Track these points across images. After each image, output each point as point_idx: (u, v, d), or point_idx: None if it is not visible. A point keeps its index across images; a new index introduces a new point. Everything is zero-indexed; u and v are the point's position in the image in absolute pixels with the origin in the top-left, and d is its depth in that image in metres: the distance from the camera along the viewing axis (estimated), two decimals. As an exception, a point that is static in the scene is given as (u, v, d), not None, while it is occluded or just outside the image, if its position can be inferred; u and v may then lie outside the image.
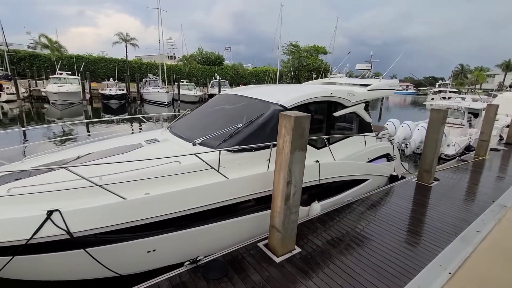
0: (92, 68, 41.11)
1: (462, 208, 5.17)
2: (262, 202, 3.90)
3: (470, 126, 13.04)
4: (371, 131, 6.39)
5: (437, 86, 62.81)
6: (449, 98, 17.81)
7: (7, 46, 30.87)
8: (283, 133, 3.21)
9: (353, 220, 4.57)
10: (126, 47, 37.96)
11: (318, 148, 4.97)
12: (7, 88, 23.73)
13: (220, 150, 3.37)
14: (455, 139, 10.77)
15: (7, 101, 23.34)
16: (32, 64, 37.66)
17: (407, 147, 10.55)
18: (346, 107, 5.49)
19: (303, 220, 4.42)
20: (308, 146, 4.83)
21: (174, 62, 50.83)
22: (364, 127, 6.15)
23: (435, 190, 6.12)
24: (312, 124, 5.44)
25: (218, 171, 3.41)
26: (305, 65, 52.41)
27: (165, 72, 34.46)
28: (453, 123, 12.77)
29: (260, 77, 54.58)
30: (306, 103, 4.73)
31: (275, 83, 44.30)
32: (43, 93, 24.91)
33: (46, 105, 25.62)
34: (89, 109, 25.46)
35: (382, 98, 47.94)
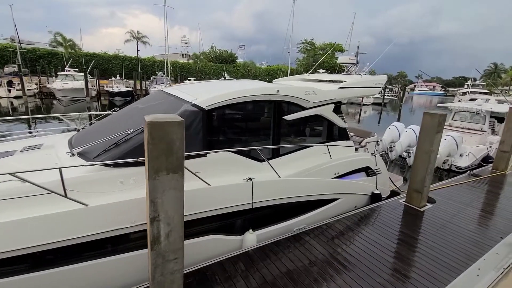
0: (106, 66, 41.95)
1: (456, 248, 3.82)
2: None
3: (493, 132, 11.15)
4: (347, 139, 5.14)
5: (465, 86, 58.06)
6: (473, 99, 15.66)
7: (20, 43, 32.03)
8: (145, 146, 2.17)
9: (295, 258, 3.41)
10: (138, 44, 38.32)
11: (261, 161, 3.85)
12: (18, 84, 24.43)
13: (60, 168, 2.38)
14: (470, 148, 9.07)
15: (16, 97, 24.06)
16: (50, 62, 38.99)
17: (409, 156, 9.03)
18: (305, 108, 4.31)
19: (222, 258, 3.33)
20: (247, 159, 3.77)
21: (186, 60, 50.77)
22: (335, 134, 4.93)
23: (427, 217, 4.76)
24: (252, 131, 4.22)
25: (65, 196, 2.42)
26: (320, 63, 50.40)
27: (169, 69, 34.13)
28: (471, 129, 10.96)
29: (274, 75, 53.24)
30: (237, 103, 3.63)
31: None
32: (51, 90, 25.47)
33: (55, 101, 26.14)
34: (94, 106, 25.65)
35: (402, 98, 45.11)
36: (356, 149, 5.52)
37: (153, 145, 2.04)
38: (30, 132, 5.18)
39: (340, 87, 4.79)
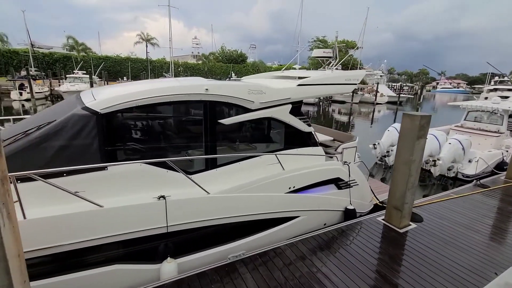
0: (118, 68, 42.98)
1: (431, 288, 2.96)
2: None
3: (513, 134, 9.78)
4: (313, 145, 4.37)
5: (492, 83, 54.09)
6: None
7: (32, 46, 33.35)
8: None
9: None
10: (147, 46, 38.82)
11: (190, 173, 3.21)
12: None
13: None
14: (481, 153, 7.88)
15: (27, 100, 24.89)
16: (66, 65, 40.45)
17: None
18: (249, 110, 3.60)
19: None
20: (169, 171, 3.05)
21: (196, 61, 51.05)
22: (296, 140, 4.18)
23: (408, 242, 3.89)
24: (176, 138, 3.47)
25: None
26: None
27: (180, 70, 34.27)
28: (487, 130, 9.67)
29: (284, 74, 52.25)
30: (151, 105, 3.01)
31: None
32: (59, 92, 26.16)
33: (65, 103, 26.79)
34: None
35: (421, 96, 42.57)
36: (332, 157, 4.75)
37: None
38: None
39: (299, 84, 4.03)
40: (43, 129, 2.58)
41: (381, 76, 59.66)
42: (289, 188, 3.84)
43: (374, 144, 9.19)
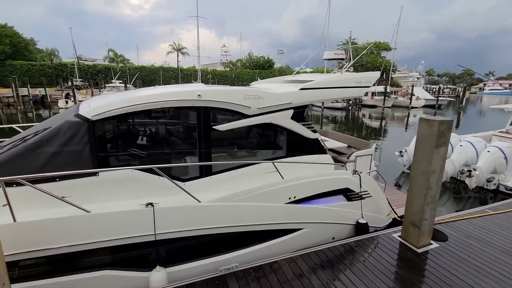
0: (152, 77, 45.72)
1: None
2: None
3: None
4: (321, 152, 4.10)
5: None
6: None
7: (77, 59, 36.81)
8: None
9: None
10: (178, 55, 40.76)
11: (184, 181, 3.17)
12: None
13: None
14: (529, 162, 6.84)
15: (72, 107, 27.50)
16: (107, 75, 44.08)
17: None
18: (246, 116, 3.47)
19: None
20: (161, 178, 3.01)
21: (224, 68, 52.52)
22: (300, 147, 3.94)
23: (429, 264, 3.42)
24: (169, 144, 3.44)
25: None
26: (363, 64, 46.95)
27: (200, 77, 35.47)
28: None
29: (311, 79, 51.43)
30: (143, 112, 3.02)
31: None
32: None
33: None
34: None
35: (463, 99, 38.99)
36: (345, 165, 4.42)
37: None
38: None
39: (301, 88, 3.80)
40: (38, 136, 2.71)
41: (418, 78, 55.94)
42: (289, 198, 3.60)
43: (401, 152, 8.48)
